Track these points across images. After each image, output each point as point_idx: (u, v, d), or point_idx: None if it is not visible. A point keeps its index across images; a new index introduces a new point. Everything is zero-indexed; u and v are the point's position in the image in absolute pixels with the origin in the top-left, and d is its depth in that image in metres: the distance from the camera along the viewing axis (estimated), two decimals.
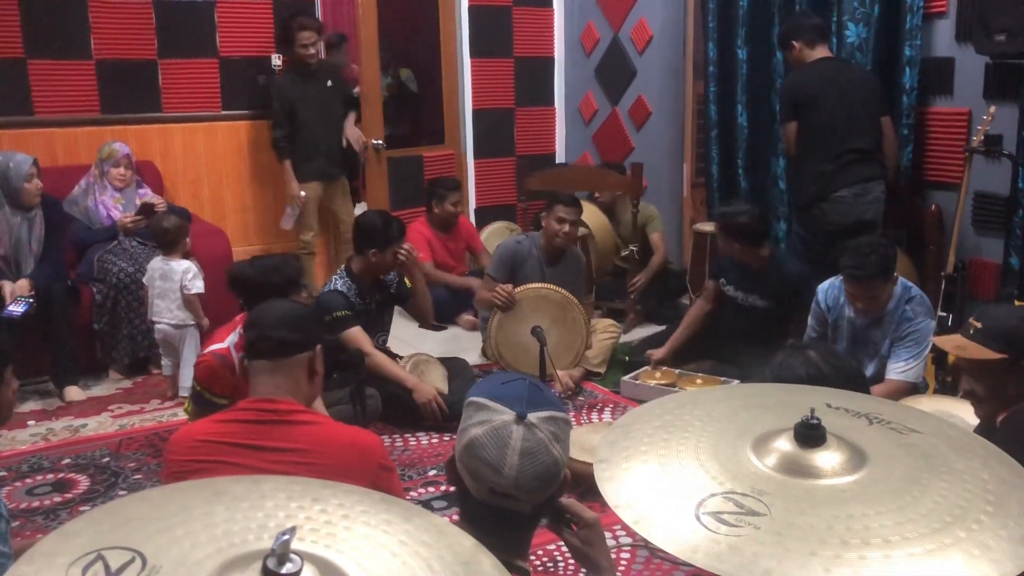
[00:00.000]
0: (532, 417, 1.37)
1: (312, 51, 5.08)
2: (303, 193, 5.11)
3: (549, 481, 1.38)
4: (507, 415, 1.36)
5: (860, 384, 1.80)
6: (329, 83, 5.23)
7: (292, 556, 0.84)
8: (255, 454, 1.84)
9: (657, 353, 4.25)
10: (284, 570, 0.83)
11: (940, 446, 1.30)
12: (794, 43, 4.06)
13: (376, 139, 5.67)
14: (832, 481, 1.20)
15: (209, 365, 2.94)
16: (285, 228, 5.24)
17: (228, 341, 2.99)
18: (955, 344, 2.18)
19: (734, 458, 1.26)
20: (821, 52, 4.02)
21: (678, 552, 1.11)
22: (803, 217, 4.12)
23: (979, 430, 2.01)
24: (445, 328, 5.10)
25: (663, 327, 4.73)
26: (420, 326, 4.54)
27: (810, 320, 3.68)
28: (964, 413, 2.86)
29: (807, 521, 1.12)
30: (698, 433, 1.33)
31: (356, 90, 5.72)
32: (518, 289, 4.21)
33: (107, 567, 0.84)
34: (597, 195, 5.49)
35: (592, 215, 5.16)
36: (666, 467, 1.26)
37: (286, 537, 0.84)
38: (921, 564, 1.05)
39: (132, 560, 0.85)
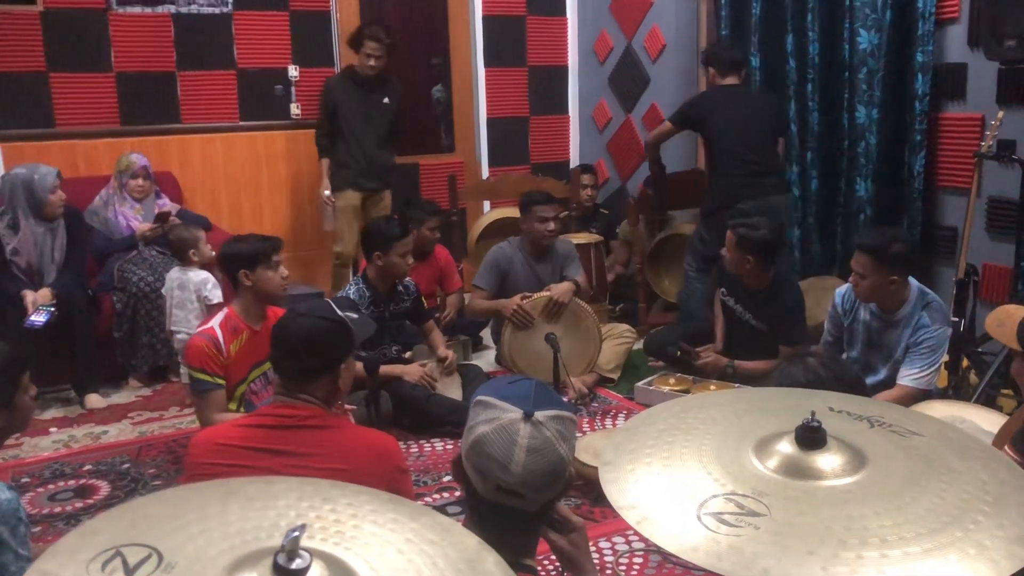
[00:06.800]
0: (539, 415, 1.38)
1: (372, 63, 5.03)
2: (327, 192, 5.09)
3: (555, 479, 1.40)
4: (515, 413, 1.38)
5: (859, 390, 1.82)
6: (386, 100, 5.18)
7: (302, 552, 0.87)
8: (274, 458, 1.88)
9: (716, 347, 4.24)
10: (294, 565, 0.86)
11: (941, 448, 1.32)
12: (710, 68, 4.66)
13: None
14: (832, 482, 1.22)
15: (196, 345, 3.01)
16: (326, 229, 5.20)
17: (213, 322, 3.07)
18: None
19: (736, 460, 1.28)
20: (730, 80, 4.56)
21: (679, 552, 1.13)
22: (707, 221, 4.58)
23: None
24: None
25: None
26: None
27: (826, 324, 3.69)
28: (976, 418, 2.86)
29: (806, 521, 1.14)
30: (701, 436, 1.35)
31: None
32: (530, 299, 4.23)
33: (125, 563, 0.87)
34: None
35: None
36: (670, 469, 1.28)
37: (296, 534, 0.87)
38: (917, 563, 1.07)
39: (149, 556, 0.89)
